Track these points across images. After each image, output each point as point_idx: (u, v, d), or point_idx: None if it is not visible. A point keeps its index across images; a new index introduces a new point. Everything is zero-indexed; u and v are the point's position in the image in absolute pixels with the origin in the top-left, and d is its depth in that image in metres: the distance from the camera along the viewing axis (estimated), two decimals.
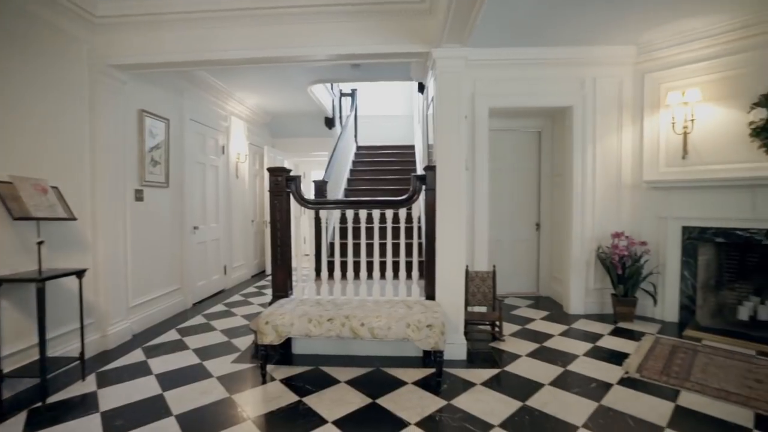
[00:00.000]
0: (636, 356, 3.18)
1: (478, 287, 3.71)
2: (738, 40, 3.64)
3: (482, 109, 4.38)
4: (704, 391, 2.62)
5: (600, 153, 4.34)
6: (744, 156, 3.66)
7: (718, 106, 3.78)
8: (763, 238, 3.59)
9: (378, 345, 3.22)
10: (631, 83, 4.29)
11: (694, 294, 3.97)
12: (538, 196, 5.23)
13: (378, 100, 9.82)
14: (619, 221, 4.34)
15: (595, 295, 4.41)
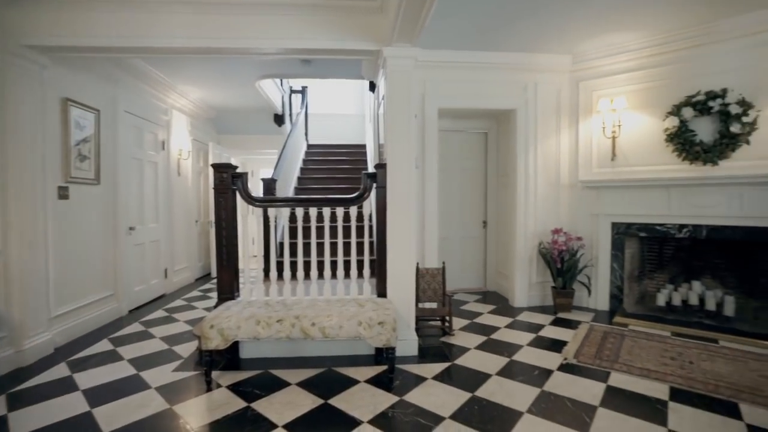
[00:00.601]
0: (573, 343, 3.41)
1: (428, 284, 3.79)
2: (656, 55, 4.04)
3: (432, 110, 4.48)
4: (630, 371, 2.87)
5: (541, 154, 4.62)
6: (661, 159, 4.07)
7: (640, 113, 4.17)
8: (677, 232, 4.01)
9: (330, 345, 3.18)
10: (568, 90, 4.61)
11: (622, 284, 4.35)
12: (485, 195, 5.45)
13: (330, 98, 9.72)
14: (558, 218, 4.64)
15: (537, 289, 4.68)
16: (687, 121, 3.84)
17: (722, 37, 3.70)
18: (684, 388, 2.62)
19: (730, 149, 3.69)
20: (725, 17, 3.60)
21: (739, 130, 3.61)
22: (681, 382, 2.70)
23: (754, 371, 2.88)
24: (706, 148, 3.78)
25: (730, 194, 3.69)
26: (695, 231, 3.91)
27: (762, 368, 2.92)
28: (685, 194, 3.90)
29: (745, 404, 2.44)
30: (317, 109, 9.43)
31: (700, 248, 4.33)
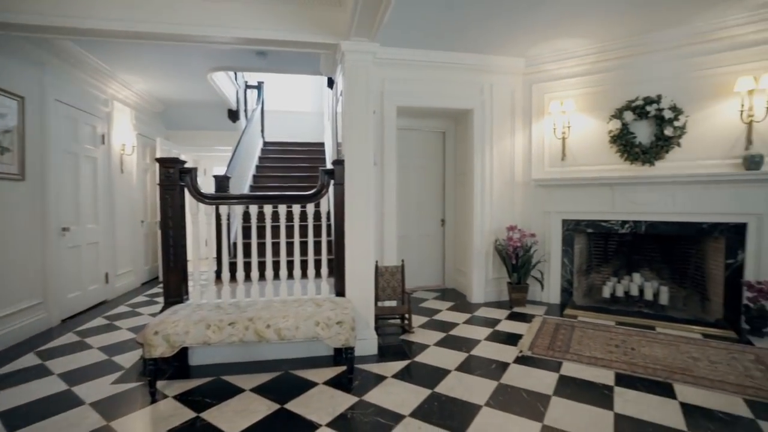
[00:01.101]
0: (528, 336, 3.52)
1: (387, 282, 3.77)
2: (600, 61, 4.28)
3: (391, 108, 4.47)
4: (580, 360, 3.01)
5: (497, 154, 4.74)
6: (606, 159, 4.31)
7: (587, 116, 4.40)
8: (620, 227, 4.26)
9: (287, 347, 3.07)
10: (522, 92, 4.77)
11: (572, 278, 4.56)
12: (443, 193, 5.53)
13: (288, 95, 9.48)
14: (513, 216, 4.79)
15: (493, 285, 4.81)
16: (628, 124, 4.10)
17: (655, 48, 3.99)
18: (627, 373, 2.78)
19: (664, 151, 3.98)
20: (657, 30, 3.88)
21: (672, 134, 3.90)
22: (625, 367, 2.86)
23: (685, 353, 3.11)
24: (644, 149, 4.06)
25: (665, 192, 3.98)
26: (636, 227, 4.18)
27: (691, 350, 3.16)
28: (627, 192, 4.15)
29: (678, 384, 2.63)
30: (275, 105, 9.16)
31: (640, 243, 4.65)
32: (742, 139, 3.69)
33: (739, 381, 2.67)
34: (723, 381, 2.66)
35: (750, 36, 3.63)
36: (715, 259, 3.95)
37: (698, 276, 4.24)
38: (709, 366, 2.89)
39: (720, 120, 3.78)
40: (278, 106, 9.25)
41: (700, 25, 3.74)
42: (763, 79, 3.50)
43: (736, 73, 3.67)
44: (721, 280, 3.84)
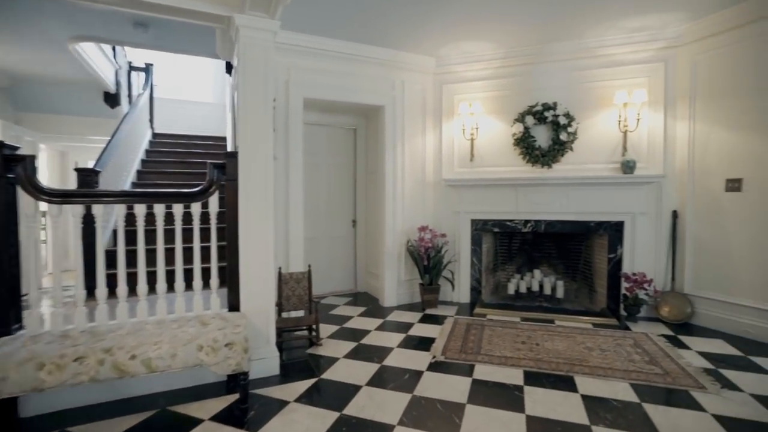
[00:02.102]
0: (440, 339, 3.44)
1: (293, 290, 3.39)
2: (504, 67, 4.44)
3: (297, 99, 4.08)
4: (491, 360, 2.99)
5: (408, 152, 4.65)
6: (510, 161, 4.48)
7: (494, 118, 4.53)
8: (523, 227, 4.46)
9: (166, 377, 2.53)
10: (432, 91, 4.75)
11: (481, 277, 4.67)
12: (354, 192, 5.30)
13: (185, 82, 8.43)
14: (424, 216, 4.74)
15: (406, 287, 4.71)
16: (529, 128, 4.30)
17: (550, 59, 4.25)
18: (534, 370, 2.82)
19: (560, 154, 4.25)
20: (550, 42, 4.14)
21: (566, 139, 4.19)
22: (532, 364, 2.91)
23: (580, 344, 3.30)
24: (543, 152, 4.29)
25: (560, 193, 4.25)
26: (536, 225, 4.41)
27: (585, 341, 3.37)
28: (529, 193, 4.36)
29: (578, 376, 2.73)
30: (169, 93, 8.06)
31: (540, 241, 4.94)
32: (619, 147, 4.09)
33: (625, 366, 2.87)
34: (613, 368, 2.84)
35: (626, 55, 4.05)
36: (600, 254, 4.33)
37: (587, 270, 4.63)
38: (601, 355, 3.09)
39: (603, 128, 4.15)
40: (174, 95, 8.17)
41: (588, 42, 4.06)
42: (635, 94, 3.91)
43: (615, 87, 4.06)
44: (605, 273, 4.22)
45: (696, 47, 3.77)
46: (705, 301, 3.77)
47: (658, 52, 3.94)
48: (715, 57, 3.65)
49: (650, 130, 3.99)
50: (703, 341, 3.41)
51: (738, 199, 3.53)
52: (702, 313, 3.77)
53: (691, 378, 2.69)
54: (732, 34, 3.52)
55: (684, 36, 3.80)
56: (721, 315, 3.65)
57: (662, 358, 3.03)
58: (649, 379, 2.67)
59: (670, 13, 3.54)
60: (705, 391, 2.53)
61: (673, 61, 3.91)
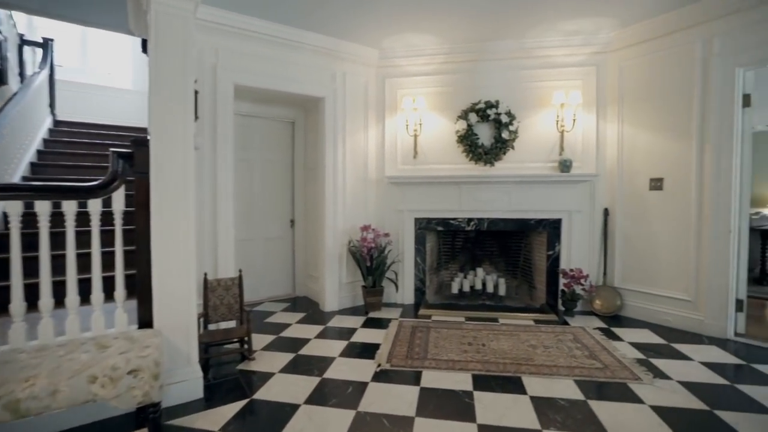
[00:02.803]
0: (385, 345, 3.25)
1: (221, 298, 2.99)
2: (447, 63, 4.37)
3: (226, 85, 3.66)
4: (439, 365, 2.85)
5: (350, 148, 4.41)
6: (454, 158, 4.43)
7: (437, 115, 4.44)
8: (466, 225, 4.43)
9: (58, 413, 2.04)
10: (375, 84, 4.56)
11: (425, 277, 4.56)
12: (293, 190, 4.94)
13: (100, 64, 7.42)
14: (367, 215, 4.54)
15: (348, 289, 4.46)
16: (473, 125, 4.28)
17: (493, 57, 4.27)
18: (483, 373, 2.73)
19: (502, 152, 4.28)
20: (493, 40, 4.15)
21: (508, 137, 4.22)
22: (480, 367, 2.82)
23: (525, 342, 3.30)
24: (486, 150, 4.29)
25: (503, 191, 4.28)
26: (479, 224, 4.40)
27: (529, 338, 3.39)
28: (472, 191, 4.33)
29: (525, 376, 2.69)
30: (79, 76, 7.01)
31: (482, 239, 4.97)
32: (557, 146, 4.21)
33: (568, 362, 2.90)
34: (557, 365, 2.84)
35: (562, 58, 4.17)
36: (540, 251, 4.44)
37: (527, 267, 4.73)
38: (545, 352, 3.10)
39: (542, 128, 4.24)
40: (85, 78, 7.12)
41: (528, 42, 4.12)
42: (571, 96, 4.04)
43: (553, 88, 4.16)
44: (544, 270, 4.32)
45: (623, 54, 3.97)
46: (632, 293, 3.99)
47: (591, 56, 4.10)
48: (639, 64, 3.88)
49: (584, 130, 4.15)
50: (632, 332, 3.59)
51: (660, 197, 3.78)
52: (630, 305, 4.00)
53: (627, 370, 2.77)
54: (654, 43, 3.75)
55: (613, 42, 3.99)
56: (645, 306, 3.88)
57: (600, 351, 3.11)
58: (591, 374, 2.70)
59: (602, 19, 3.68)
60: (641, 382, 2.61)
61: (603, 65, 4.10)
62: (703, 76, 3.47)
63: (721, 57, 3.37)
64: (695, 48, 3.50)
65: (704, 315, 3.51)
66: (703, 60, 3.46)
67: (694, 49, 3.51)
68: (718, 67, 3.39)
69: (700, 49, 3.48)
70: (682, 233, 3.63)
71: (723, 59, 3.37)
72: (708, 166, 3.45)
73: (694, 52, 3.51)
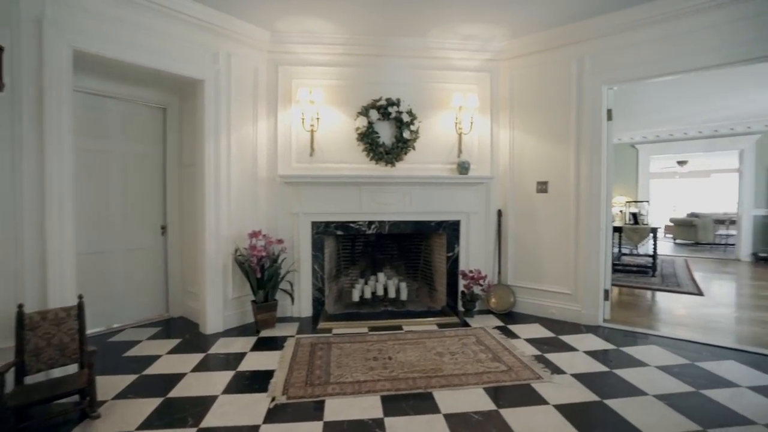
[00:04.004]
0: (281, 371, 2.79)
1: (48, 338, 2.19)
2: (347, 54, 4.08)
3: (59, 49, 2.75)
4: (344, 390, 2.52)
5: (237, 142, 3.80)
6: (354, 157, 4.15)
7: (336, 109, 4.11)
8: (367, 228, 4.19)
9: None
10: (266, 72, 4.02)
11: (323, 285, 4.19)
12: (164, 190, 4.10)
13: None
14: (256, 219, 3.98)
15: (234, 306, 3.84)
16: (373, 123, 4.05)
17: (396, 53, 4.11)
18: (392, 393, 2.48)
19: (403, 152, 4.15)
20: (396, 36, 3.99)
21: (409, 137, 4.10)
22: (389, 386, 2.57)
23: (431, 350, 3.17)
24: (387, 149, 4.11)
25: (404, 193, 4.15)
26: (380, 226, 4.20)
27: (435, 346, 3.27)
28: (373, 192, 4.11)
29: (436, 390, 2.52)
30: None
31: (383, 242, 4.79)
32: (456, 148, 4.25)
33: (475, 368, 2.84)
34: (466, 374, 2.75)
35: (461, 61, 4.22)
36: (440, 253, 4.43)
37: (427, 269, 4.70)
38: (452, 360, 3.00)
39: (442, 129, 4.23)
40: None
41: (430, 41, 4.06)
42: (469, 99, 4.10)
43: (452, 90, 4.18)
44: (444, 272, 4.32)
45: (514, 63, 4.18)
46: (523, 290, 4.22)
47: (486, 62, 4.23)
48: (527, 74, 4.12)
49: (480, 134, 4.26)
50: (525, 327, 3.76)
51: (545, 199, 4.05)
52: (521, 301, 4.21)
53: (528, 369, 2.81)
54: (539, 56, 4.01)
55: (505, 51, 4.17)
56: (534, 301, 4.14)
57: (502, 351, 3.14)
58: (498, 379, 2.66)
59: (495, 27, 3.79)
60: (541, 380, 2.66)
61: (497, 72, 4.27)
62: (578, 91, 3.81)
63: (591, 75, 3.74)
64: (572, 64, 3.83)
65: (581, 306, 3.86)
66: (578, 76, 3.80)
67: (571, 64, 3.83)
68: (589, 84, 3.75)
69: (576, 66, 3.81)
70: (563, 232, 3.94)
71: (593, 77, 3.74)
72: (583, 172, 3.80)
73: (571, 68, 3.83)
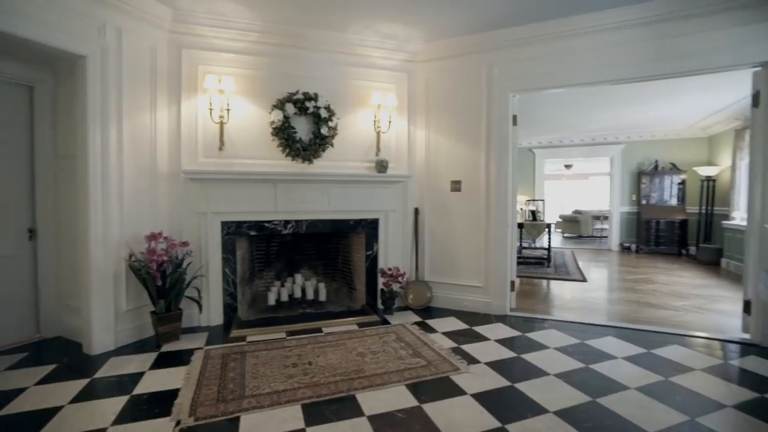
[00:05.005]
0: (187, 389, 2.49)
1: None
2: (262, 43, 3.82)
3: None
4: (261, 403, 2.34)
5: (130, 132, 3.31)
6: (269, 153, 3.92)
7: (249, 101, 3.83)
8: (283, 228, 3.99)
9: None
10: (167, 54, 3.57)
11: (236, 290, 3.87)
12: (32, 187, 3.41)
13: None
14: (156, 220, 3.52)
15: (129, 319, 3.35)
16: (290, 117, 3.86)
17: (315, 46, 3.97)
18: (314, 401, 2.37)
19: (321, 149, 4.02)
20: (316, 28, 3.85)
21: (327, 133, 4.00)
22: (310, 393, 2.45)
23: (353, 351, 3.12)
24: (304, 146, 3.95)
25: (322, 191, 4.04)
26: (297, 226, 4.02)
27: (356, 346, 3.23)
28: (289, 190, 3.92)
29: (359, 393, 2.48)
30: None
31: (300, 242, 4.61)
32: (374, 146, 4.25)
33: (397, 366, 2.85)
34: (388, 372, 2.75)
35: (380, 60, 4.23)
36: (359, 252, 4.40)
37: (346, 268, 4.64)
38: (374, 359, 2.98)
39: (361, 127, 4.20)
40: None
41: (351, 37, 4.00)
42: (387, 98, 4.13)
43: (372, 88, 4.18)
44: (363, 270, 4.31)
45: (430, 65, 4.32)
46: (439, 284, 4.39)
47: (403, 63, 4.30)
48: (442, 77, 4.29)
49: (398, 133, 4.32)
50: (442, 321, 3.91)
51: (459, 197, 4.27)
52: (438, 296, 4.38)
53: (447, 362, 2.91)
54: (453, 61, 4.20)
55: (422, 53, 4.28)
56: (449, 295, 4.33)
57: (421, 346, 3.21)
58: (419, 375, 2.71)
59: (412, 29, 3.87)
60: (459, 372, 2.77)
61: (414, 73, 4.37)
62: (488, 96, 4.07)
63: (499, 82, 4.03)
64: (482, 71, 4.08)
65: (491, 297, 4.14)
66: (488, 82, 4.07)
67: (481, 71, 4.08)
68: (497, 91, 4.04)
69: (485, 73, 4.07)
70: (475, 229, 4.19)
71: (500, 84, 4.03)
72: (493, 172, 4.08)
73: (482, 75, 4.08)
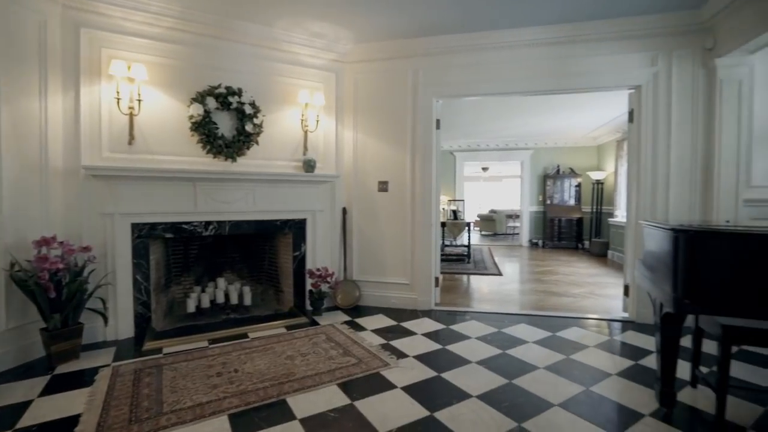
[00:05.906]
0: (91, 413, 2.22)
1: None
2: (179, 30, 3.54)
3: None
4: (182, 419, 2.17)
5: (10, 119, 2.83)
6: (187, 149, 3.65)
7: (164, 93, 3.52)
8: (204, 230, 3.74)
9: None
10: (60, 31, 3.12)
11: (149, 299, 3.53)
12: None
13: None
14: (48, 222, 3.07)
15: (12, 340, 2.86)
16: (211, 112, 3.63)
17: (239, 38, 3.78)
18: (242, 409, 2.27)
19: (246, 147, 3.85)
20: (241, 20, 3.67)
21: (252, 130, 3.83)
22: (237, 402, 2.34)
23: (282, 355, 3.05)
24: (227, 143, 3.74)
25: (247, 190, 3.86)
26: (220, 227, 3.80)
27: (285, 350, 3.16)
28: (211, 190, 3.68)
29: (290, 396, 2.43)
30: None
31: (223, 244, 4.35)
32: (301, 145, 4.18)
33: (328, 366, 2.85)
34: (319, 373, 2.74)
35: (308, 58, 4.17)
36: (286, 253, 4.29)
37: (273, 270, 4.49)
38: (304, 361, 2.94)
39: (288, 125, 4.10)
40: None
41: (278, 33, 3.88)
42: (315, 97, 4.09)
43: (299, 86, 4.10)
44: (291, 272, 4.21)
45: (358, 67, 4.37)
46: (367, 283, 4.46)
47: (332, 62, 4.29)
48: (370, 79, 4.36)
49: (326, 132, 4.30)
50: (371, 319, 3.98)
51: (386, 197, 4.38)
52: (366, 295, 4.45)
53: (377, 358, 2.99)
54: (381, 64, 4.30)
55: (350, 54, 4.31)
56: (378, 293, 4.43)
57: (351, 345, 3.25)
58: (350, 373, 2.74)
59: (341, 29, 3.88)
60: (389, 367, 2.86)
61: (342, 74, 4.37)
62: (414, 100, 4.24)
63: (424, 87, 4.22)
64: (408, 75, 4.24)
65: (417, 293, 4.32)
66: (414, 87, 4.24)
67: (407, 76, 4.24)
68: (422, 95, 4.23)
69: (411, 78, 4.24)
70: (401, 228, 4.34)
71: (425, 89, 4.22)
72: (417, 173, 4.26)
73: (408, 79, 4.24)
